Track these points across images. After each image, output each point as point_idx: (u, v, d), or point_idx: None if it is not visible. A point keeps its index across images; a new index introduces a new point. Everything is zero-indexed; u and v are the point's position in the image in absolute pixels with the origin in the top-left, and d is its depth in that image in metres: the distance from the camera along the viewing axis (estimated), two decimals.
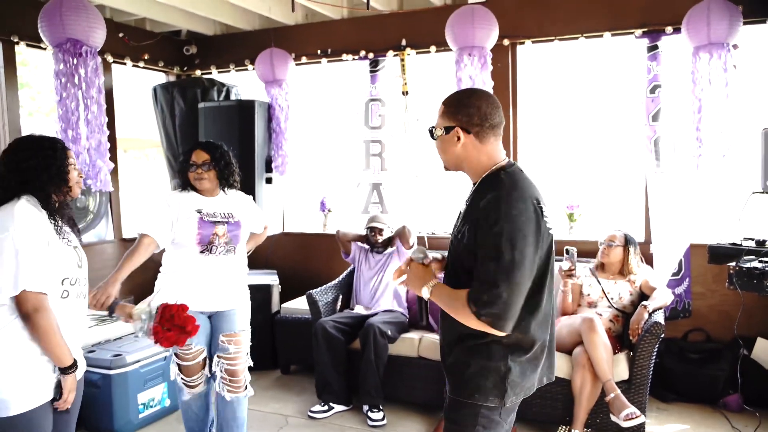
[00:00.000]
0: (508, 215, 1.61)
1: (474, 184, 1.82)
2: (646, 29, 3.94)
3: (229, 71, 5.20)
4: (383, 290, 4.14)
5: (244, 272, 3.10)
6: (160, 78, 5.32)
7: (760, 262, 2.84)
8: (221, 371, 2.95)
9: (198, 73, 5.28)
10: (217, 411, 3.05)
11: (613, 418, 3.14)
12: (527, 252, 1.61)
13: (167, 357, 3.72)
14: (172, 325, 2.29)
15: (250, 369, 3.07)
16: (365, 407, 3.72)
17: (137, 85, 5.52)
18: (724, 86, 3.65)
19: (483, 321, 1.61)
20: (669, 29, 3.86)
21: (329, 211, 5.12)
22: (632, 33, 3.97)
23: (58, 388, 1.97)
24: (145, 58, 4.89)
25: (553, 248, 1.77)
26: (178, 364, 2.96)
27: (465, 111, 1.75)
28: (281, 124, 4.78)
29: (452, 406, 1.84)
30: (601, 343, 3.24)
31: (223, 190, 3.01)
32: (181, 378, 2.97)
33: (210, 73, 5.26)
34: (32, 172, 1.97)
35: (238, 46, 5.12)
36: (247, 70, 5.11)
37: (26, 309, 1.85)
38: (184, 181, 2.97)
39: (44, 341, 1.89)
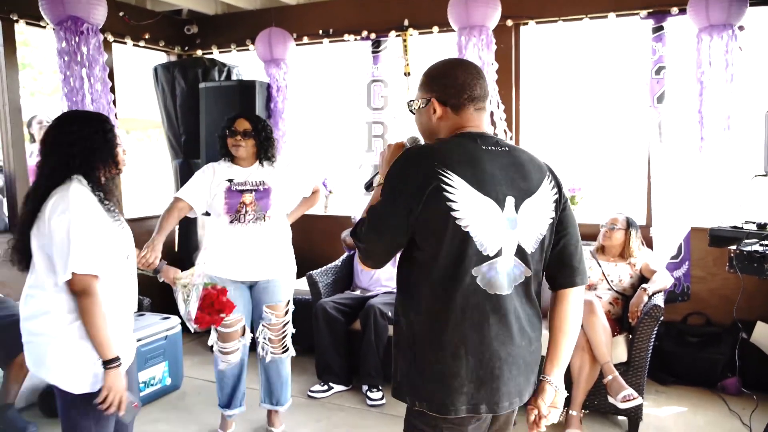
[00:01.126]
0: (394, 167, 1.55)
1: None
2: (651, 10, 3.88)
3: (230, 51, 5.16)
4: (382, 272, 4.14)
5: (282, 241, 3.15)
6: (160, 58, 5.28)
7: (761, 245, 2.82)
8: (264, 338, 3.10)
9: (199, 52, 5.25)
10: (262, 373, 3.22)
11: (610, 399, 3.15)
12: (399, 207, 1.50)
13: (168, 336, 3.75)
14: (211, 309, 2.40)
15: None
16: (364, 387, 3.75)
17: (138, 65, 5.49)
18: (726, 68, 3.61)
19: (356, 243, 1.61)
20: (675, 10, 3.81)
21: (330, 192, 5.11)
22: (637, 14, 3.92)
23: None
24: (146, 37, 4.86)
25: (462, 237, 1.50)
26: (217, 330, 3.05)
27: (440, 83, 1.62)
28: (280, 104, 4.75)
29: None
30: (600, 325, 3.24)
31: (261, 163, 3.05)
32: (219, 345, 3.08)
33: (211, 53, 5.22)
34: (83, 152, 1.94)
35: (240, 25, 5.08)
36: (248, 50, 5.06)
37: (75, 290, 1.86)
38: (223, 148, 3.04)
39: (88, 327, 1.87)
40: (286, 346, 3.20)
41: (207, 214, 3.15)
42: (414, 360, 1.57)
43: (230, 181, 2.99)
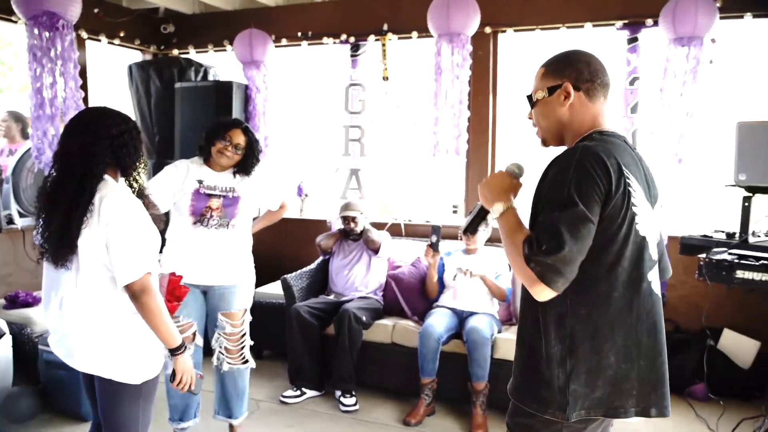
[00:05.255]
0: (581, 164, 1.43)
1: None
2: (626, 21, 3.95)
3: (207, 51, 5.11)
4: (357, 277, 4.13)
5: (244, 249, 3.05)
6: (135, 56, 5.21)
7: (730, 254, 2.87)
8: (220, 346, 2.99)
9: (175, 52, 5.19)
10: (217, 383, 3.08)
11: None
12: (595, 209, 1.43)
13: None
14: (172, 297, 2.36)
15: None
16: (338, 393, 3.72)
17: (112, 63, 5.40)
18: (696, 79, 3.69)
19: (531, 269, 1.42)
20: (649, 21, 3.88)
21: (306, 196, 5.09)
22: (613, 24, 3.98)
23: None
24: (121, 35, 4.79)
25: (640, 239, 1.51)
26: None
27: (573, 66, 1.57)
28: (258, 106, 4.72)
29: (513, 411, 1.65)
30: None
31: (235, 172, 2.97)
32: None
33: (188, 52, 5.17)
34: (127, 146, 1.95)
35: (218, 25, 5.03)
36: (225, 50, 5.02)
37: (133, 290, 1.89)
38: (204, 147, 2.93)
39: (152, 321, 1.93)
40: (245, 357, 3.05)
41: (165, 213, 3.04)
42: (576, 366, 1.50)
43: (200, 182, 2.88)
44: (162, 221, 2.17)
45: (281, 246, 4.93)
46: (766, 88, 3.73)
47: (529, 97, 1.65)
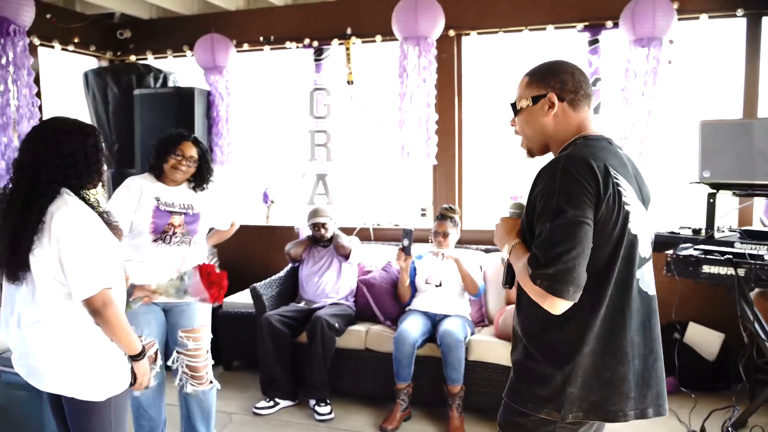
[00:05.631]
0: (566, 171, 1.44)
1: None
2: (587, 23, 4.02)
3: (166, 57, 4.99)
4: (328, 283, 4.07)
5: None
6: (91, 63, 5.05)
7: (696, 249, 2.94)
8: (182, 366, 2.88)
9: (133, 58, 5.05)
10: (182, 406, 2.97)
11: None
12: (588, 212, 1.42)
13: None
14: (210, 281, 2.43)
15: None
16: (312, 401, 3.65)
17: (66, 70, 5.23)
18: (656, 80, 3.78)
19: (539, 285, 1.40)
20: (609, 24, 3.95)
21: (272, 202, 5.01)
22: (574, 27, 4.04)
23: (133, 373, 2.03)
24: (75, 41, 4.63)
25: (632, 237, 1.51)
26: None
27: (557, 77, 1.58)
28: (221, 112, 4.63)
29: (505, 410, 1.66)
30: None
31: (189, 186, 2.90)
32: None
33: (146, 58, 5.03)
34: (78, 165, 1.88)
35: (176, 31, 4.92)
36: (185, 56, 4.91)
37: (95, 306, 1.85)
38: (156, 165, 2.85)
39: (114, 334, 1.91)
40: (209, 378, 2.94)
41: None
42: (574, 369, 1.50)
43: (158, 199, 2.80)
44: (121, 234, 2.10)
45: (248, 254, 4.84)
46: (726, 86, 3.83)
47: (513, 105, 1.65)
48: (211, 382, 2.95)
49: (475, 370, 3.47)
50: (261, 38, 4.69)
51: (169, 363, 2.89)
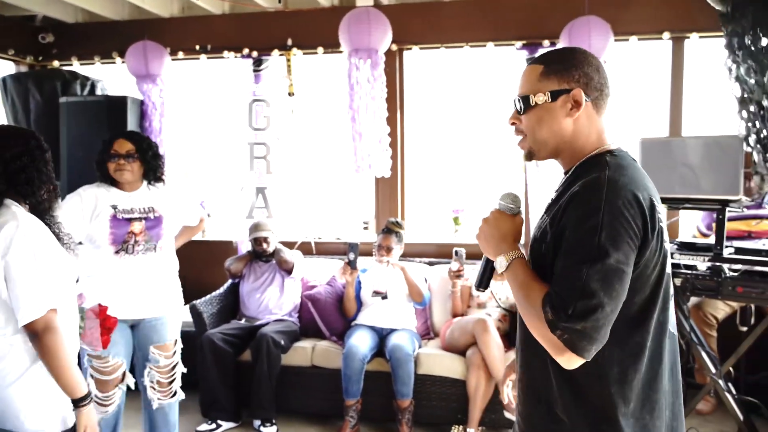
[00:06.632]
0: (612, 203, 1.18)
1: (567, 171, 1.36)
2: (525, 42, 4.14)
3: (93, 63, 4.74)
4: (271, 299, 3.97)
5: (172, 273, 2.86)
6: (9, 68, 4.73)
7: None
8: (151, 381, 2.75)
9: (56, 63, 4.77)
10: (147, 421, 2.85)
11: (507, 414, 3.24)
12: (631, 258, 1.19)
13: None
14: (105, 327, 2.17)
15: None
16: (257, 422, 3.54)
17: None
18: None
19: (558, 336, 1.17)
20: (546, 43, 4.09)
21: (209, 216, 4.83)
22: (513, 44, 4.16)
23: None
24: None
25: (666, 277, 1.28)
26: (94, 378, 2.66)
27: (582, 70, 1.29)
28: (154, 122, 4.44)
29: None
30: (494, 342, 3.34)
31: (148, 185, 2.76)
32: (95, 395, 2.67)
33: (71, 64, 4.76)
34: (27, 169, 1.73)
35: (105, 36, 4.68)
36: (114, 63, 4.69)
37: (35, 329, 1.68)
38: (102, 173, 2.69)
39: (53, 367, 1.70)
40: (174, 390, 2.88)
41: (79, 243, 2.80)
42: (612, 418, 1.25)
43: (114, 207, 2.66)
44: (76, 253, 1.94)
45: (184, 270, 4.55)
46: (660, 105, 4.05)
47: (524, 99, 1.33)
48: (175, 393, 2.86)
49: (424, 383, 3.47)
50: (197, 47, 4.54)
51: (141, 380, 2.77)
